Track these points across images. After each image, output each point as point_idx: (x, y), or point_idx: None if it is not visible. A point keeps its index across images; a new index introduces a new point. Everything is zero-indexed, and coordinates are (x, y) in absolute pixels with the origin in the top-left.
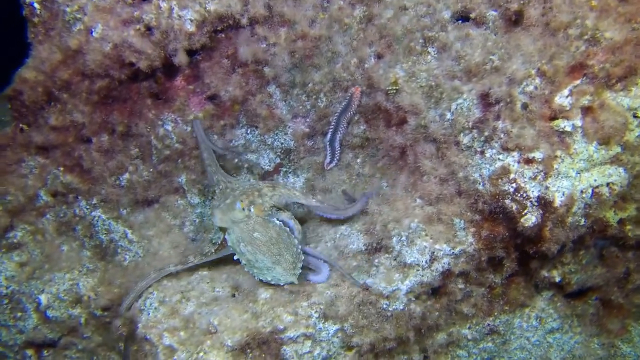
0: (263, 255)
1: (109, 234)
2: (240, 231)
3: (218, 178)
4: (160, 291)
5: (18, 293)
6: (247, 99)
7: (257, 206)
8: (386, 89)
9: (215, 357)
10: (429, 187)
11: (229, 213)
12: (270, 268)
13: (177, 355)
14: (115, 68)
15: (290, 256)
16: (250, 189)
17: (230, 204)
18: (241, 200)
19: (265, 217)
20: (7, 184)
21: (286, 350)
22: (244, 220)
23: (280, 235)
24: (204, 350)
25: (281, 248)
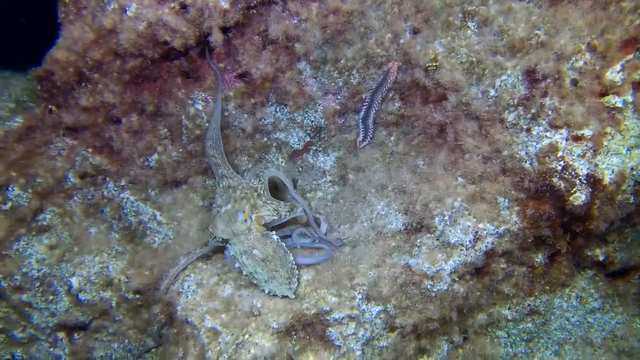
0: (262, 270)
1: (137, 216)
2: (241, 245)
3: (222, 172)
4: (197, 274)
5: (49, 276)
6: (277, 76)
7: (257, 217)
8: (425, 65)
9: (261, 339)
10: (471, 165)
11: (231, 225)
12: (268, 281)
13: (221, 337)
14: (148, 47)
15: (285, 272)
16: (249, 190)
17: (232, 214)
18: (243, 211)
19: (264, 233)
20: (37, 166)
21: (332, 332)
22: (245, 234)
23: (277, 252)
24: (249, 332)
25: (277, 264)
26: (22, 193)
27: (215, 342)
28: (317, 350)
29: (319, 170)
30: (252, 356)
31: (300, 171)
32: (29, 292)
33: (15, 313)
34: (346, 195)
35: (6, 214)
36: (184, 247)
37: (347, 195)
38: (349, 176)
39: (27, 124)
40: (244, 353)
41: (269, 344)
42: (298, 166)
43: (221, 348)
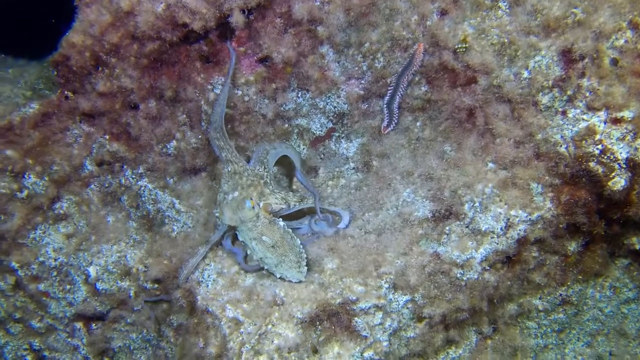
0: (271, 255)
1: (156, 204)
2: (250, 231)
3: (227, 157)
4: (217, 262)
5: (66, 265)
6: (299, 60)
7: (265, 205)
8: (454, 47)
9: (284, 329)
10: (503, 150)
11: (239, 212)
12: (278, 265)
13: (243, 327)
14: (167, 30)
15: (294, 256)
16: (255, 178)
17: (239, 202)
18: (250, 198)
19: (271, 220)
20: (53, 153)
21: (358, 322)
22: (253, 221)
23: (284, 237)
24: (272, 322)
25: (286, 249)
26: (39, 181)
27: (237, 332)
28: (342, 341)
29: (342, 157)
30: (275, 347)
31: (322, 158)
32: (46, 282)
33: (32, 303)
34: (370, 182)
35: (23, 202)
36: (203, 235)
37: (371, 183)
38: (373, 163)
39: (43, 110)
40: (267, 344)
41: (293, 334)
42: (320, 153)
43: (243, 338)
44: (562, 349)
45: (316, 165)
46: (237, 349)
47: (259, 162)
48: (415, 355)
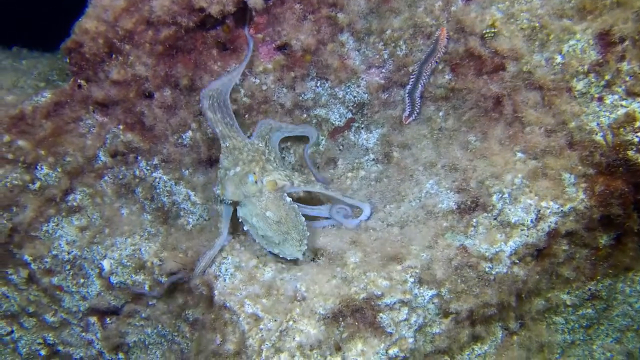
0: (273, 233)
1: (171, 196)
2: (253, 207)
3: (223, 132)
4: (235, 256)
5: (80, 258)
6: (318, 48)
7: (270, 183)
8: (482, 33)
9: (306, 325)
10: (533, 139)
11: (241, 187)
12: (279, 244)
13: (263, 323)
14: (183, 14)
15: (297, 234)
16: (257, 153)
17: (242, 176)
18: (253, 172)
19: (277, 195)
20: (66, 144)
21: (383, 318)
22: (257, 196)
23: (289, 214)
24: (293, 318)
25: (289, 227)
26: (51, 172)
27: (257, 328)
28: (366, 338)
29: (362, 148)
30: (297, 344)
31: (340, 149)
32: (59, 275)
33: (46, 297)
34: (391, 173)
35: (35, 194)
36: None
37: (392, 174)
38: (394, 154)
39: (55, 99)
40: (289, 340)
41: (315, 330)
42: (339, 144)
43: (263, 335)
44: (590, 345)
45: (335, 156)
46: (256, 346)
47: (261, 138)
48: (440, 351)
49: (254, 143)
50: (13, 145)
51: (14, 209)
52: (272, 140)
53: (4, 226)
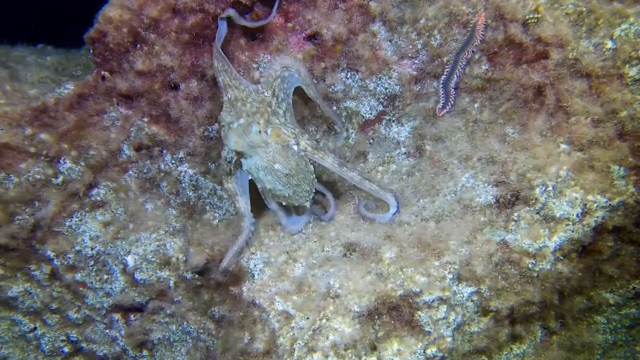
0: (282, 186)
1: (196, 191)
2: (260, 159)
3: (225, 80)
4: (263, 251)
5: (104, 254)
6: (349, 38)
7: (274, 130)
8: (524, 19)
9: (340, 324)
10: (579, 129)
11: (245, 137)
12: (287, 197)
13: (294, 321)
14: (210, 1)
15: (307, 185)
16: (262, 104)
17: (246, 126)
18: (258, 122)
19: (284, 144)
20: (89, 137)
21: (421, 316)
22: (262, 147)
23: (299, 164)
24: (326, 316)
25: (300, 179)
26: (74, 166)
27: (288, 326)
28: (402, 337)
29: (393, 142)
30: (330, 343)
31: (371, 143)
32: (82, 271)
33: (69, 293)
34: (423, 167)
35: (58, 188)
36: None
37: (424, 168)
38: (426, 147)
39: (78, 91)
40: (322, 340)
41: (350, 329)
42: (369, 138)
43: (294, 334)
44: (632, 347)
45: (365, 150)
46: (288, 345)
47: (268, 85)
48: (478, 351)
49: (259, 91)
50: (35, 138)
51: (36, 204)
52: (284, 88)
53: (26, 221)
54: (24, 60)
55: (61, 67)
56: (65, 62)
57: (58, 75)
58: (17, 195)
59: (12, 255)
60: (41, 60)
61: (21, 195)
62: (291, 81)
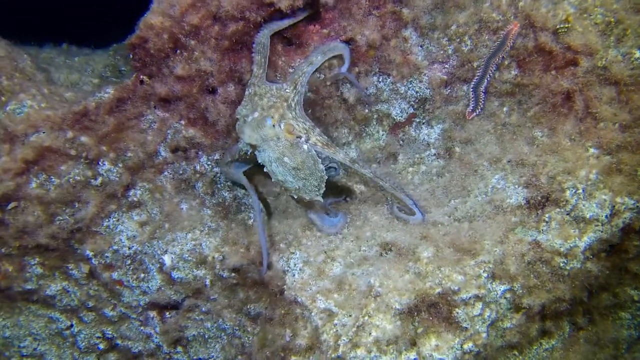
0: (292, 178)
1: (232, 191)
2: (272, 151)
3: (251, 80)
4: (302, 251)
5: (140, 253)
6: (382, 43)
7: (287, 125)
8: (555, 28)
9: (382, 320)
10: (607, 134)
11: (259, 130)
12: (299, 189)
13: (337, 319)
14: (252, 9)
15: (315, 181)
16: (279, 99)
17: (260, 120)
18: (272, 116)
19: (293, 141)
20: (127, 139)
21: (459, 313)
22: (274, 140)
23: (306, 162)
24: (368, 313)
25: (307, 174)
26: (113, 168)
27: (331, 323)
28: (440, 332)
29: (423, 143)
30: (373, 339)
31: (401, 144)
32: (119, 270)
33: (105, 291)
34: (453, 168)
35: (97, 190)
36: (283, 223)
37: (454, 169)
38: (456, 149)
39: (118, 95)
40: (365, 336)
41: (391, 326)
42: (399, 139)
43: (338, 330)
44: None
45: (395, 151)
46: (332, 342)
47: (292, 82)
48: (510, 346)
49: (280, 88)
50: (76, 141)
51: (76, 205)
52: (303, 81)
53: (67, 222)
54: (53, 61)
55: (90, 69)
56: (93, 63)
57: (87, 76)
58: (58, 196)
59: (52, 255)
60: (69, 61)
61: (62, 197)
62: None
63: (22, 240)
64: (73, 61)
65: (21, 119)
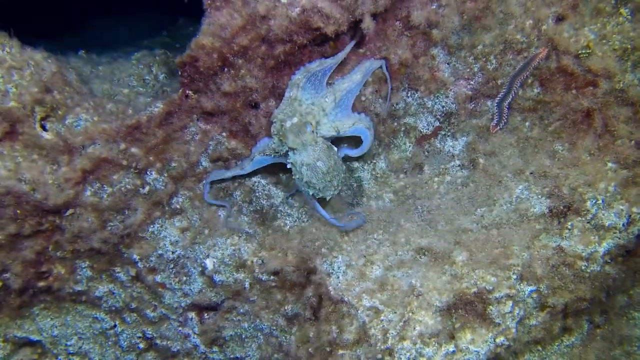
0: (317, 181)
1: (269, 199)
2: (307, 156)
3: (297, 79)
4: (344, 255)
5: (183, 257)
6: (412, 62)
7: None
8: (577, 52)
9: (424, 316)
10: (624, 151)
11: (300, 135)
12: (319, 190)
13: (384, 315)
14: (299, 33)
15: (337, 182)
16: (317, 107)
17: (300, 126)
18: (311, 123)
19: (328, 144)
20: (172, 150)
21: (493, 310)
22: (312, 145)
23: (337, 163)
24: (412, 310)
25: (333, 176)
26: (159, 177)
27: (378, 319)
28: (475, 328)
29: (447, 155)
30: (418, 332)
31: (426, 155)
32: (163, 273)
33: (148, 293)
34: (477, 179)
35: (144, 198)
36: (321, 230)
37: (478, 179)
38: (480, 160)
39: (166, 109)
40: (410, 330)
41: (432, 321)
42: (425, 150)
43: (385, 325)
44: None
45: (421, 162)
46: (380, 336)
47: (332, 94)
48: (535, 342)
49: (320, 97)
50: (127, 152)
51: (126, 212)
52: (344, 93)
53: (118, 228)
54: (83, 71)
55: (116, 78)
56: (118, 72)
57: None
58: (110, 203)
59: (101, 259)
60: (95, 70)
61: (114, 204)
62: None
63: (76, 244)
64: (98, 70)
65: (79, 131)
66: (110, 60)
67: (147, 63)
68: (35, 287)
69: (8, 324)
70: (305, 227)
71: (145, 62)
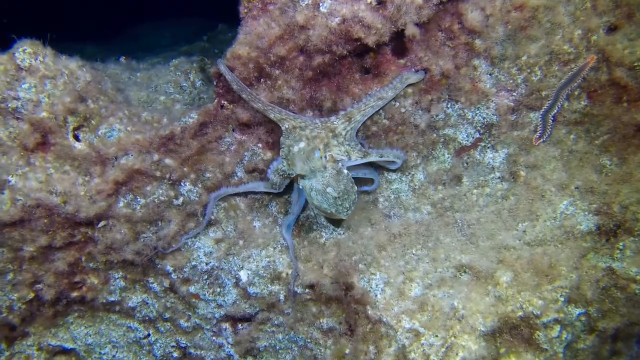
0: (328, 206)
1: (305, 211)
2: (317, 182)
3: (277, 116)
4: (383, 272)
5: (217, 269)
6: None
7: (330, 156)
8: (632, 65)
9: (467, 341)
10: None
11: (308, 162)
12: (328, 214)
13: (424, 338)
14: (339, 43)
15: (348, 204)
16: (325, 130)
17: (308, 152)
18: (319, 148)
19: (338, 168)
20: (207, 161)
21: (540, 335)
22: (321, 171)
23: (347, 187)
24: (454, 334)
25: (344, 199)
26: (193, 188)
27: (418, 343)
28: (520, 352)
29: (487, 167)
30: (461, 359)
31: (465, 167)
32: (196, 284)
33: (181, 303)
34: (518, 192)
35: (178, 209)
36: (358, 243)
37: (519, 192)
38: (521, 173)
39: (201, 120)
40: (453, 356)
41: (476, 346)
42: (464, 162)
43: (425, 350)
44: None
45: (460, 173)
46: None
47: (345, 116)
48: None
49: (327, 121)
50: (161, 163)
51: (159, 224)
52: (366, 112)
53: (151, 239)
54: (120, 77)
55: (154, 85)
56: (156, 79)
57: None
58: (144, 215)
59: (135, 270)
60: (133, 77)
61: (147, 216)
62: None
63: (109, 256)
64: (136, 77)
65: (112, 142)
66: (149, 66)
67: (185, 70)
68: (68, 297)
69: (42, 332)
70: (342, 240)
71: (182, 68)
